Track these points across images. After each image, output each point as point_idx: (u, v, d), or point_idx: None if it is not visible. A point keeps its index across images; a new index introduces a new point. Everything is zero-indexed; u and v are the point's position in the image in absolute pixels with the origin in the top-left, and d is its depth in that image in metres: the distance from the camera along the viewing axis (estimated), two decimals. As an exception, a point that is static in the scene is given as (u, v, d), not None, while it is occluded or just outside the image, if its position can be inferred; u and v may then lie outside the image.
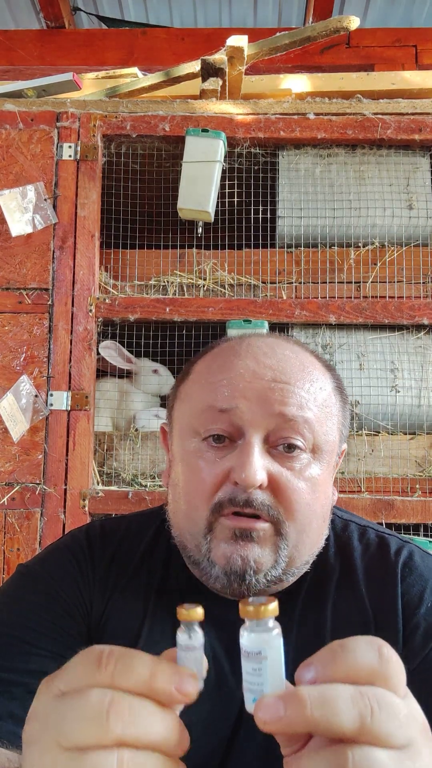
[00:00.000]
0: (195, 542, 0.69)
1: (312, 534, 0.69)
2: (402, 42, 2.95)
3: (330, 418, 0.72)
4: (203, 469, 0.68)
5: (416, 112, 1.65)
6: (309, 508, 0.68)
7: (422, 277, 1.64)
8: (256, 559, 0.66)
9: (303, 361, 0.72)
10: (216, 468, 0.67)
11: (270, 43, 1.76)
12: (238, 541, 0.66)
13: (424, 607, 0.71)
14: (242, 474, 0.64)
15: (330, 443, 0.71)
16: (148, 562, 0.79)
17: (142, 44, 3.00)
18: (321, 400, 0.70)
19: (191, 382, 0.75)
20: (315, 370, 0.73)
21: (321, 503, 0.70)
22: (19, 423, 1.49)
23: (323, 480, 0.70)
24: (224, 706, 0.70)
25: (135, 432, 1.63)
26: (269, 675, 0.44)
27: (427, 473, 1.56)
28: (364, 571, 0.75)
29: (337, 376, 0.78)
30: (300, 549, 0.69)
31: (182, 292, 1.67)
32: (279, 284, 1.66)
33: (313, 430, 0.68)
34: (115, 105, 1.68)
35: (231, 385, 0.68)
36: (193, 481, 0.69)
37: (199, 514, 0.68)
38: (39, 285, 1.59)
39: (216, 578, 0.67)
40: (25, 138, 1.64)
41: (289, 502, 0.66)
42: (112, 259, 1.69)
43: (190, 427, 0.71)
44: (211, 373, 0.72)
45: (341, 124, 1.64)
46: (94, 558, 0.79)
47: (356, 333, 1.63)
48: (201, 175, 1.58)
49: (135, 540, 0.81)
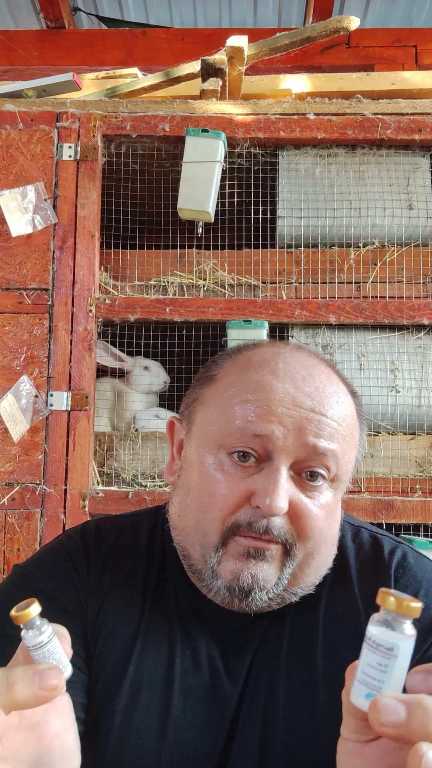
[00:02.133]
0: (202, 553, 0.69)
1: (320, 557, 0.70)
2: (402, 42, 2.95)
3: (352, 449, 0.72)
4: (223, 484, 0.67)
5: (416, 112, 1.65)
6: (322, 535, 0.69)
7: (422, 277, 1.64)
8: (264, 577, 0.66)
9: (337, 390, 0.72)
10: (239, 487, 0.67)
11: (270, 43, 1.75)
12: (250, 559, 0.66)
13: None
14: (267, 501, 0.64)
15: (348, 473, 0.72)
16: (144, 562, 0.79)
17: (142, 44, 2.99)
18: (348, 432, 0.71)
19: (220, 391, 0.72)
20: (345, 399, 0.73)
21: (333, 528, 0.71)
22: (19, 423, 1.49)
23: (336, 505, 0.71)
24: (220, 707, 0.71)
25: (135, 432, 1.63)
26: (394, 675, 0.42)
27: (427, 473, 1.56)
28: (358, 571, 0.76)
29: (359, 400, 0.77)
30: (304, 569, 0.69)
31: (182, 293, 1.67)
32: (279, 284, 1.66)
33: (338, 463, 0.69)
34: (115, 105, 1.68)
35: (269, 409, 0.67)
36: (211, 494, 0.68)
37: (212, 528, 0.68)
38: (39, 285, 1.59)
39: (217, 591, 0.68)
40: (25, 138, 1.64)
41: (305, 529, 0.67)
42: (112, 259, 1.69)
43: (215, 440, 0.69)
44: (245, 389, 0.70)
45: (341, 124, 1.64)
46: (90, 558, 0.79)
47: (356, 333, 1.63)
48: (201, 176, 1.58)
49: (130, 540, 0.81)
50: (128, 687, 0.71)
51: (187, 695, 0.71)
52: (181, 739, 0.69)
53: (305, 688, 0.70)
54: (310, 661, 0.71)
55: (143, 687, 0.71)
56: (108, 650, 0.73)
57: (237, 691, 0.71)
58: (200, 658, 0.73)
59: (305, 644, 0.72)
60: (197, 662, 0.72)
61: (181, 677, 0.72)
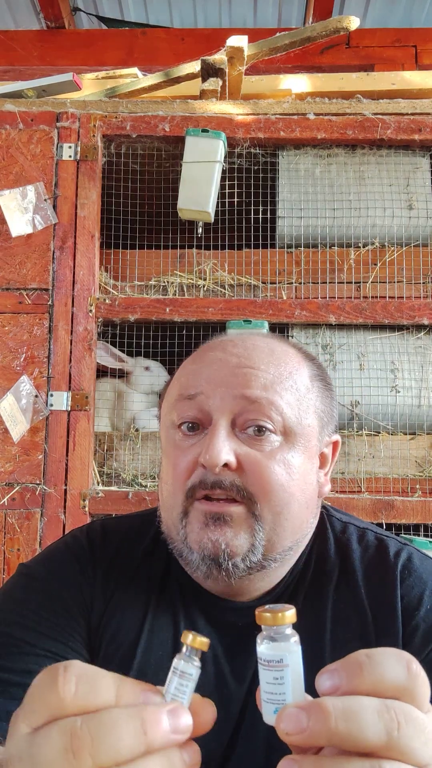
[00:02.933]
0: (175, 529, 0.70)
1: (291, 517, 0.69)
2: (402, 42, 2.95)
3: (303, 402, 0.72)
4: (178, 456, 0.70)
5: (416, 112, 1.65)
6: (283, 490, 0.67)
7: (422, 277, 1.64)
8: (228, 543, 0.65)
9: (273, 348, 0.74)
10: (188, 454, 0.69)
11: (270, 43, 1.75)
12: (210, 525, 0.66)
13: (423, 609, 0.71)
14: (206, 455, 0.65)
15: (305, 427, 0.71)
16: (149, 562, 0.79)
17: (142, 44, 3.00)
18: (290, 383, 0.71)
19: (173, 380, 0.78)
20: (286, 356, 0.74)
21: (300, 487, 0.69)
22: (19, 423, 1.49)
23: (301, 465, 0.70)
24: (224, 708, 0.70)
25: (135, 432, 1.63)
26: (291, 684, 0.43)
27: (427, 473, 1.56)
28: (364, 572, 0.75)
29: (319, 365, 0.79)
30: (279, 532, 0.68)
31: (182, 293, 1.67)
32: (279, 284, 1.66)
33: (282, 413, 0.68)
34: (115, 105, 1.68)
35: (197, 373, 0.71)
36: (170, 470, 0.71)
37: (176, 501, 0.69)
38: (39, 285, 1.59)
39: (196, 566, 0.67)
40: (25, 138, 1.64)
41: (260, 482, 0.66)
42: (112, 259, 1.69)
43: (168, 420, 0.73)
44: (184, 367, 0.76)
45: (341, 124, 1.64)
46: (95, 558, 0.79)
47: (356, 333, 1.63)
48: (201, 176, 1.58)
49: (136, 540, 0.81)
50: None
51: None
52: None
53: (312, 687, 0.70)
54: (316, 662, 0.70)
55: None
56: (112, 650, 0.73)
57: (243, 690, 0.71)
58: (205, 657, 0.73)
59: (312, 645, 0.72)
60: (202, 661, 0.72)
61: None
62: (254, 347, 0.73)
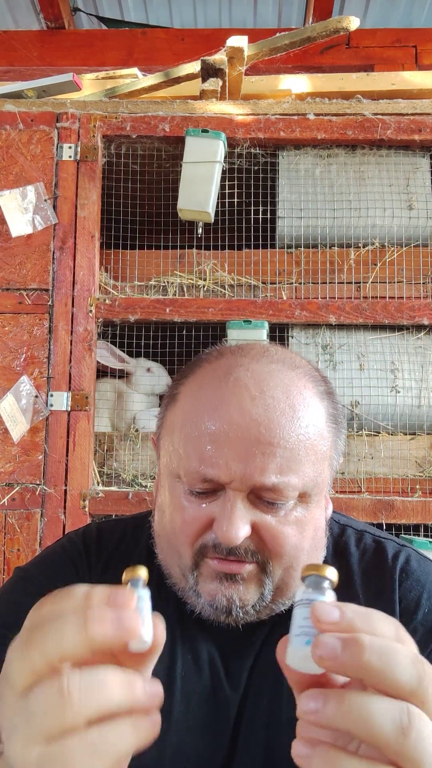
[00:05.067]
0: (181, 573, 0.70)
1: (299, 566, 0.69)
2: (402, 42, 2.95)
3: (320, 462, 0.69)
4: (187, 510, 0.67)
5: (416, 113, 1.65)
6: (296, 549, 0.67)
7: (422, 277, 1.64)
8: (241, 597, 0.66)
9: (294, 403, 0.67)
10: (200, 513, 0.67)
11: (270, 43, 1.75)
12: (223, 582, 0.66)
13: (421, 612, 0.71)
14: (223, 530, 0.64)
15: (320, 485, 0.69)
16: (145, 566, 0.79)
17: (142, 45, 2.99)
18: (310, 447, 0.67)
19: (178, 417, 0.71)
20: (306, 413, 0.67)
21: (310, 538, 0.69)
22: (19, 423, 1.49)
23: (312, 516, 0.69)
24: (221, 711, 0.71)
25: (135, 432, 1.63)
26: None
27: (427, 474, 1.56)
28: (362, 576, 0.75)
29: (334, 401, 0.73)
30: (288, 582, 0.69)
31: (182, 293, 1.67)
32: (279, 285, 1.66)
33: (299, 487, 0.66)
34: (115, 105, 1.68)
35: (214, 447, 0.65)
36: (177, 521, 0.68)
37: (184, 552, 0.68)
38: (39, 285, 1.59)
39: (202, 608, 0.68)
40: (25, 139, 1.64)
41: (275, 547, 0.66)
42: (112, 259, 1.69)
43: (176, 471, 0.69)
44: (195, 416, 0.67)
45: (341, 124, 1.64)
46: (91, 561, 0.79)
47: (356, 333, 1.63)
48: (201, 176, 1.58)
49: (131, 543, 0.81)
50: None
51: (189, 699, 0.71)
52: (182, 743, 0.69)
53: None
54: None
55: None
56: None
57: (238, 695, 0.71)
58: (201, 662, 0.73)
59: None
60: (198, 666, 0.73)
61: (182, 681, 0.72)
62: (274, 405, 0.65)
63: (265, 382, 0.67)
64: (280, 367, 0.70)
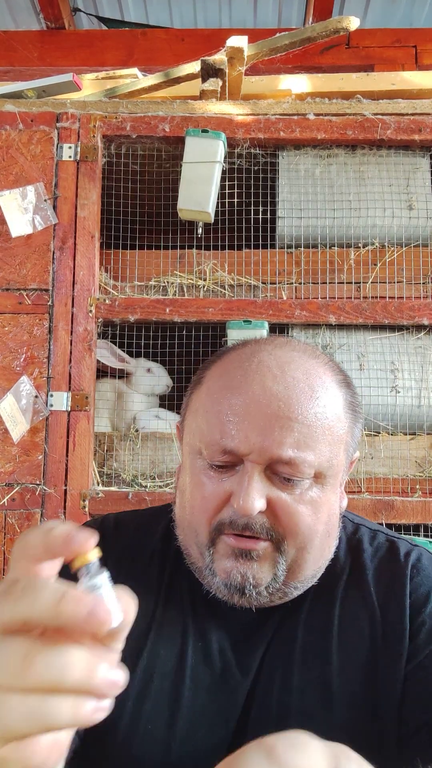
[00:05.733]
0: (199, 551, 0.72)
1: (314, 550, 0.71)
2: (402, 42, 2.95)
3: (336, 444, 0.71)
4: (206, 486, 0.70)
5: (416, 113, 1.65)
6: (310, 529, 0.69)
7: (422, 277, 1.64)
8: (255, 575, 0.68)
9: (313, 384, 0.70)
10: (218, 488, 0.69)
11: (270, 43, 1.75)
12: (239, 559, 0.68)
13: (430, 606, 0.73)
14: (240, 502, 0.66)
15: (335, 467, 0.71)
16: (159, 557, 0.81)
17: (142, 45, 2.99)
18: (327, 427, 0.70)
19: (201, 397, 0.74)
20: (325, 393, 0.71)
21: (324, 521, 0.71)
22: (19, 424, 1.49)
23: (327, 499, 0.71)
24: (230, 699, 0.72)
25: (135, 433, 1.63)
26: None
27: (427, 474, 1.56)
28: (374, 571, 0.77)
29: (352, 391, 0.77)
30: (300, 564, 0.70)
31: (182, 293, 1.67)
32: (279, 285, 1.66)
33: (314, 465, 0.68)
34: (115, 106, 1.68)
35: (235, 423, 0.68)
36: (197, 497, 0.71)
37: (202, 529, 0.71)
38: (39, 285, 1.59)
39: (217, 588, 0.70)
40: (25, 139, 1.64)
41: (289, 525, 0.68)
42: (112, 259, 1.69)
43: (197, 447, 0.72)
44: (219, 394, 0.71)
45: (341, 124, 1.64)
46: (107, 549, 0.79)
47: (356, 333, 1.63)
48: (201, 176, 1.58)
49: (147, 535, 0.83)
50: (140, 675, 0.73)
51: (198, 685, 0.72)
52: (190, 727, 0.70)
53: (320, 682, 0.71)
54: (324, 657, 0.72)
55: (155, 675, 0.73)
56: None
57: (248, 683, 0.72)
58: (211, 650, 0.74)
59: (320, 641, 0.73)
60: (208, 654, 0.74)
61: (192, 668, 0.73)
62: (295, 384, 0.69)
63: (287, 364, 0.71)
64: (302, 354, 0.74)
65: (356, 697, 0.70)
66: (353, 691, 0.70)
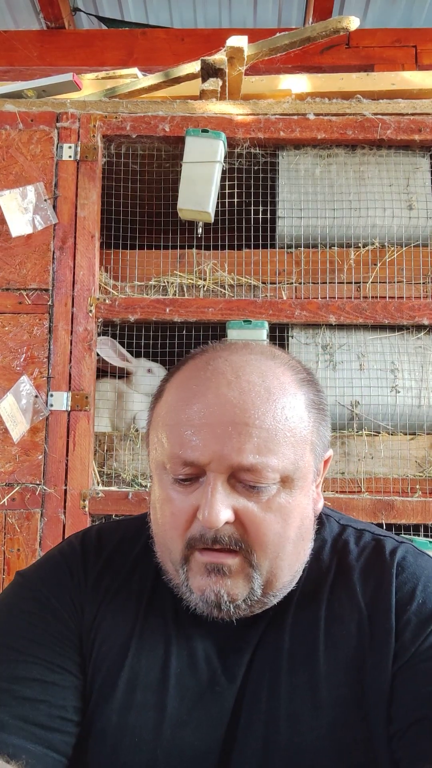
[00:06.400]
0: (174, 569, 0.71)
1: (287, 557, 0.70)
2: (402, 42, 2.95)
3: (300, 445, 0.69)
4: (174, 502, 0.69)
5: (416, 113, 1.65)
6: (279, 538, 0.68)
7: (422, 277, 1.64)
8: (229, 592, 0.68)
9: (270, 386, 0.69)
10: (185, 504, 0.69)
11: (270, 43, 1.75)
12: (211, 575, 0.68)
13: (415, 603, 0.72)
14: (205, 514, 0.65)
15: (302, 469, 0.70)
16: (141, 567, 0.80)
17: (142, 45, 2.99)
18: (288, 429, 0.68)
19: (161, 411, 0.73)
20: (283, 396, 0.69)
21: (296, 526, 0.70)
22: (19, 423, 1.49)
23: (297, 503, 0.70)
24: (217, 706, 0.71)
25: (135, 432, 1.63)
26: None
27: (427, 474, 1.56)
28: (360, 571, 0.76)
29: (314, 389, 0.75)
30: (276, 573, 0.70)
31: (182, 293, 1.67)
32: (279, 284, 1.66)
33: (277, 469, 0.67)
34: (115, 105, 1.68)
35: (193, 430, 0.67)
36: (167, 514, 0.70)
37: (174, 547, 0.70)
38: (39, 285, 1.59)
39: (195, 604, 0.70)
40: (25, 138, 1.64)
41: (257, 535, 0.67)
42: (112, 259, 1.69)
43: (161, 462, 0.71)
44: (176, 405, 0.70)
45: (341, 124, 1.64)
46: (87, 564, 0.80)
47: (356, 333, 1.63)
48: (201, 176, 1.58)
49: (129, 546, 0.82)
50: (123, 687, 0.72)
51: (183, 695, 0.72)
52: (177, 738, 0.70)
53: (308, 686, 0.70)
54: (312, 660, 0.72)
55: (138, 687, 0.72)
56: (104, 652, 0.74)
57: (234, 689, 0.72)
58: (197, 658, 0.74)
59: (307, 643, 0.73)
60: (194, 662, 0.73)
61: (176, 677, 0.72)
62: (250, 389, 0.68)
63: (242, 368, 0.70)
64: (258, 357, 0.73)
65: (345, 698, 0.69)
66: (341, 693, 0.70)
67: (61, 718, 0.70)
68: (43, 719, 0.69)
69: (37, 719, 0.69)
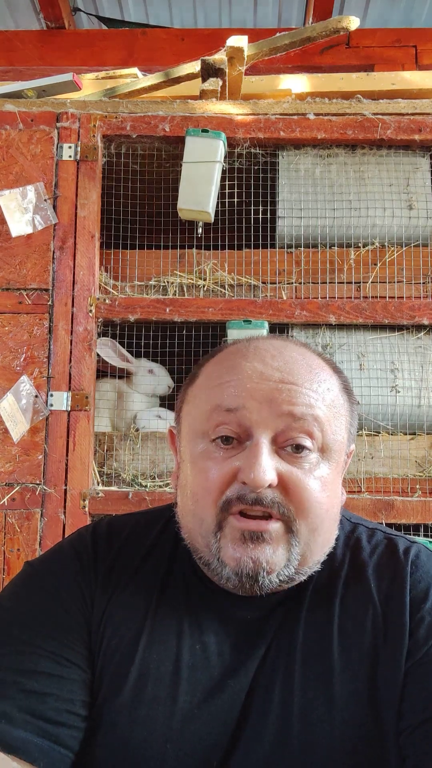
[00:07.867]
0: (205, 542, 0.70)
1: (323, 533, 0.71)
2: (402, 42, 2.95)
3: (338, 418, 0.72)
4: (211, 468, 0.69)
5: (416, 113, 1.65)
6: (320, 507, 0.69)
7: (422, 277, 1.64)
8: (269, 560, 0.67)
9: (310, 362, 0.73)
10: (224, 467, 0.68)
11: (270, 43, 1.75)
12: (248, 543, 0.67)
13: (429, 601, 0.73)
14: (251, 474, 0.65)
15: (338, 443, 0.72)
16: (152, 559, 0.80)
17: (142, 44, 3.00)
18: (329, 400, 0.71)
19: (199, 385, 0.75)
20: (322, 372, 0.74)
21: (331, 503, 0.71)
22: (19, 423, 1.49)
23: (332, 480, 0.71)
24: (229, 700, 0.71)
25: (135, 432, 1.63)
26: None
27: (427, 473, 1.56)
28: (374, 567, 0.77)
29: (345, 377, 0.79)
30: (312, 548, 0.70)
31: (182, 293, 1.67)
32: (279, 284, 1.66)
33: (323, 429, 0.69)
34: (115, 105, 1.68)
35: (238, 385, 0.69)
36: (201, 480, 0.70)
37: (207, 513, 0.69)
38: (39, 285, 1.59)
39: (227, 579, 0.69)
40: (25, 138, 1.64)
41: (300, 500, 0.67)
42: (112, 259, 1.69)
43: (198, 429, 0.72)
44: (218, 374, 0.73)
45: (341, 124, 1.64)
46: (98, 556, 0.79)
47: (356, 333, 1.63)
48: (201, 176, 1.58)
49: (140, 538, 0.82)
50: (134, 680, 0.72)
51: (195, 688, 0.71)
52: (188, 731, 0.70)
53: (321, 681, 0.71)
54: (325, 655, 0.72)
55: (149, 680, 0.72)
56: (114, 645, 0.74)
57: (247, 683, 0.71)
58: (209, 652, 0.73)
59: (320, 638, 0.73)
60: (206, 656, 0.73)
61: (189, 670, 0.72)
62: (293, 361, 0.72)
63: (283, 347, 0.74)
64: (294, 343, 0.77)
65: (358, 693, 0.69)
66: (355, 687, 0.70)
67: (68, 711, 0.70)
68: (50, 713, 0.68)
69: (44, 713, 0.68)
